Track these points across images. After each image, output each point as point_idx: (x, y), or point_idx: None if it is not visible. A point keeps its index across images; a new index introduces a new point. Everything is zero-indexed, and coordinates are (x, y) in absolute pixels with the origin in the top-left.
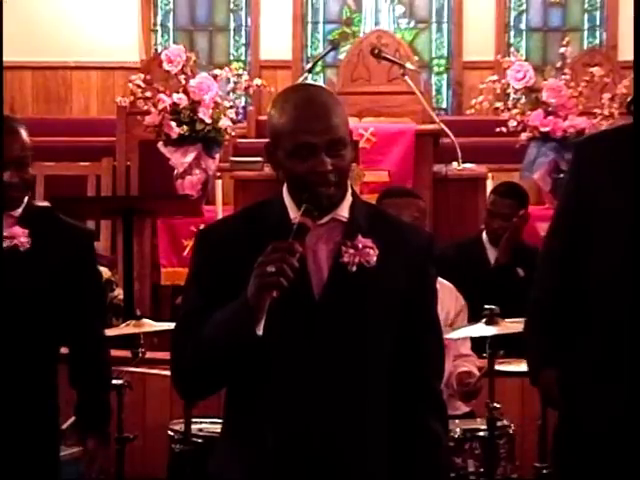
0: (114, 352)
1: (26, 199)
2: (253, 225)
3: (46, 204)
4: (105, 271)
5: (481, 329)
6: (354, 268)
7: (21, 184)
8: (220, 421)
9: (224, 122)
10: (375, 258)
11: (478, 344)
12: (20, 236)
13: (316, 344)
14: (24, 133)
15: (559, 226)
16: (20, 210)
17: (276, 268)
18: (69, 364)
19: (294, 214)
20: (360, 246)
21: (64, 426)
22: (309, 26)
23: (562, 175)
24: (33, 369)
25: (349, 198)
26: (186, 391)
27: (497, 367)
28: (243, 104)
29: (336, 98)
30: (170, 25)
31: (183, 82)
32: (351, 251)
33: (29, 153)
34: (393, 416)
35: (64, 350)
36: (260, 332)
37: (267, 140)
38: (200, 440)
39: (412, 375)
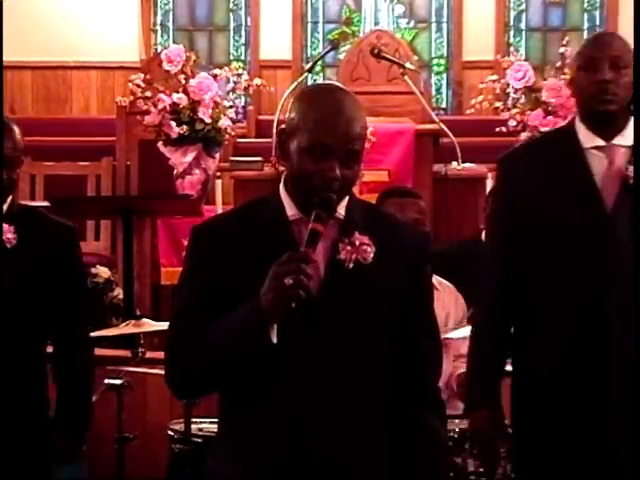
0: (114, 352)
1: (10, 197)
2: (248, 223)
3: (46, 204)
4: (105, 271)
5: None
6: (351, 265)
7: (7, 183)
8: None
9: (224, 122)
10: (372, 255)
11: None
12: (7, 232)
13: (314, 341)
14: (17, 134)
15: (498, 250)
16: (5, 208)
17: (294, 280)
18: (52, 362)
19: (291, 211)
20: (357, 243)
21: None
22: (309, 26)
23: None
24: (20, 365)
25: (345, 196)
26: (181, 390)
27: None
28: (243, 104)
29: (360, 107)
30: (170, 25)
31: (183, 82)
32: (348, 248)
33: (20, 154)
34: (392, 414)
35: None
36: (275, 340)
37: (282, 126)
38: (200, 440)
39: (410, 373)
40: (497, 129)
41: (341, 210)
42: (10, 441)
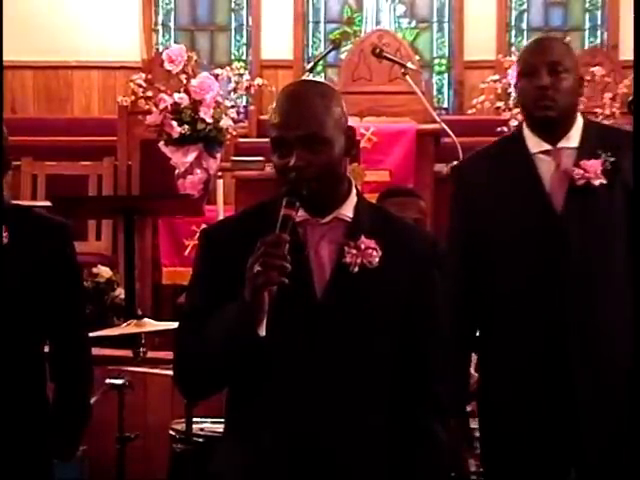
0: (115, 352)
1: None
2: (257, 224)
3: (47, 204)
4: (106, 270)
5: None
6: (356, 269)
7: None
8: (221, 421)
9: (225, 122)
10: (377, 259)
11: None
12: None
13: (317, 343)
14: None
15: (453, 248)
16: None
17: (263, 265)
18: (49, 361)
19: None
20: (363, 247)
21: None
22: (310, 26)
23: None
24: (18, 365)
25: (353, 198)
26: (188, 391)
27: None
28: (244, 104)
29: (329, 94)
30: (171, 25)
31: (184, 82)
32: (354, 252)
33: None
34: (395, 418)
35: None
36: (263, 333)
37: None
38: (201, 440)
39: (414, 378)
40: (498, 129)
41: (349, 212)
42: (10, 440)
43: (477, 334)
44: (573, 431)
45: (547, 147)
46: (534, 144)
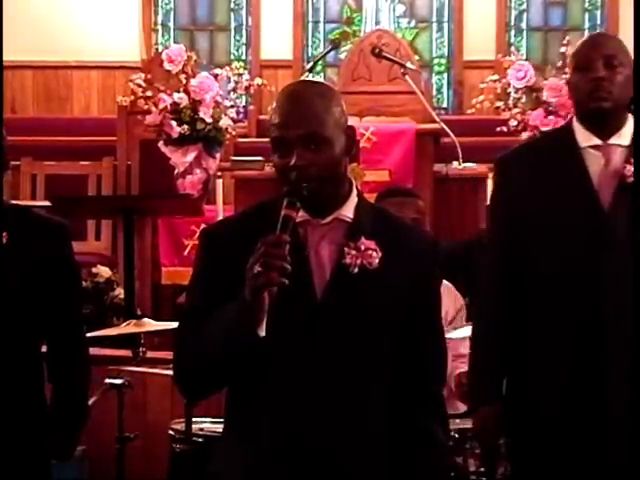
0: (115, 351)
1: None
2: (257, 224)
3: (47, 204)
4: (106, 270)
5: None
6: (356, 270)
7: None
8: (221, 421)
9: (225, 121)
10: (377, 260)
11: None
12: None
13: (316, 344)
14: None
15: (496, 252)
16: None
17: (263, 266)
18: (47, 361)
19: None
20: (363, 248)
21: None
22: (310, 25)
23: None
24: (16, 365)
25: (354, 199)
26: (187, 390)
27: None
28: (244, 103)
29: (328, 94)
30: (171, 25)
31: (184, 81)
32: (353, 252)
33: None
34: (394, 419)
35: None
36: (263, 333)
37: None
38: (201, 440)
39: (413, 379)
40: (498, 129)
41: (349, 213)
42: (8, 440)
43: None
44: (603, 432)
45: (597, 142)
46: (584, 138)
